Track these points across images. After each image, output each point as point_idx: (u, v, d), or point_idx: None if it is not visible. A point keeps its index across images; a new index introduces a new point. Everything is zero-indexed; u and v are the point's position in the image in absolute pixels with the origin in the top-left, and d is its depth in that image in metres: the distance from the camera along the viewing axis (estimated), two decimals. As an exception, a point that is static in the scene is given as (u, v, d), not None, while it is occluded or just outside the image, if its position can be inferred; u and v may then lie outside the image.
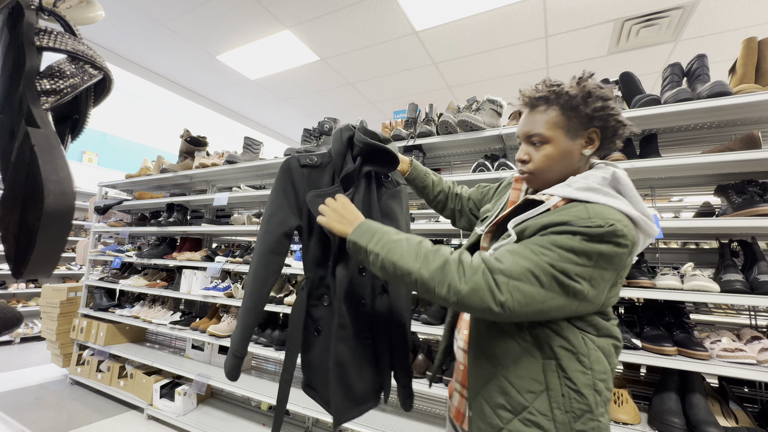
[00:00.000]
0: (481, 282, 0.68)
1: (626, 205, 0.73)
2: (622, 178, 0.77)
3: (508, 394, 0.75)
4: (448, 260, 0.72)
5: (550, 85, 0.80)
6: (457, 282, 0.69)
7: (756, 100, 1.34)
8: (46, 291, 3.48)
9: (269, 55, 3.72)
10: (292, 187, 1.01)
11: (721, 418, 1.34)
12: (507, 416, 0.75)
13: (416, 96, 4.44)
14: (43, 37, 0.55)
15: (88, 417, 2.60)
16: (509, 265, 0.68)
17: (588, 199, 0.73)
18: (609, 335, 0.77)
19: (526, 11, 2.92)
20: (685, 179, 1.74)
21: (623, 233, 0.69)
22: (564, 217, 0.70)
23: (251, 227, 2.43)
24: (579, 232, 0.68)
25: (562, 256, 0.68)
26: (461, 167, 2.31)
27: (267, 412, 2.53)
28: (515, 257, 0.69)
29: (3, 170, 0.55)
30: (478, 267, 0.70)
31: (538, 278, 0.68)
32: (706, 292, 1.32)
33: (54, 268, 0.49)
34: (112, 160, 5.71)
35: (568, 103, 0.77)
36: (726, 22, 2.92)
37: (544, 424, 0.72)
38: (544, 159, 0.80)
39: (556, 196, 0.76)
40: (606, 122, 0.78)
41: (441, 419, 1.97)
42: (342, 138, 1.01)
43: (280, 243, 0.99)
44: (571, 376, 0.72)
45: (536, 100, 0.81)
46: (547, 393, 0.73)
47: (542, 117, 0.80)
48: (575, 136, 0.79)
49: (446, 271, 0.71)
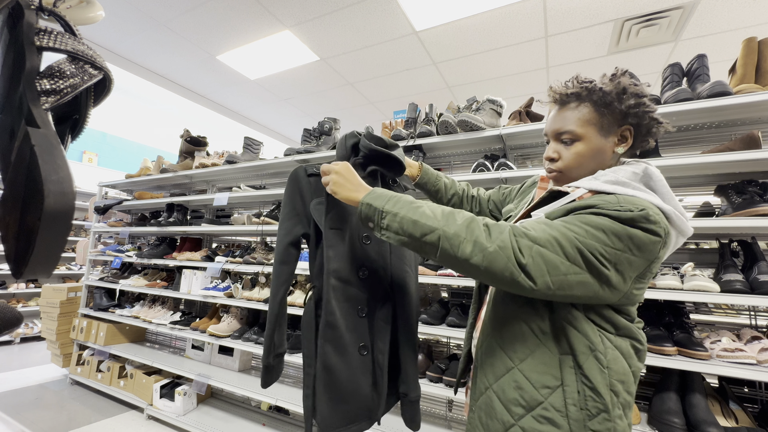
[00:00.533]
0: (507, 241, 0.65)
1: (657, 200, 0.70)
2: (654, 174, 0.74)
3: (523, 388, 0.73)
4: (474, 218, 0.69)
5: (582, 81, 0.77)
6: (484, 239, 0.65)
7: (756, 100, 1.34)
8: (46, 291, 3.48)
9: (269, 55, 3.72)
10: (300, 196, 1.02)
11: (721, 418, 1.34)
12: (519, 412, 0.72)
13: (416, 96, 4.44)
14: (43, 37, 0.55)
15: (88, 417, 2.60)
16: (536, 233, 0.66)
17: (615, 192, 0.70)
18: (629, 336, 0.75)
19: (526, 11, 2.92)
20: (685, 179, 1.74)
21: (656, 219, 0.66)
22: (593, 202, 0.68)
23: (251, 227, 2.43)
24: (608, 214, 0.65)
25: (590, 233, 0.65)
26: (461, 167, 2.31)
27: (267, 412, 2.53)
28: (542, 226, 0.67)
29: (3, 170, 0.55)
30: (504, 227, 0.67)
31: (563, 248, 0.65)
32: (706, 292, 1.32)
33: (54, 268, 0.49)
34: (112, 160, 5.71)
35: (602, 99, 0.74)
36: (726, 22, 2.92)
37: (558, 421, 0.70)
38: (575, 157, 0.77)
39: (582, 188, 0.73)
40: (641, 120, 0.75)
41: (441, 419, 1.97)
42: (346, 145, 1.02)
43: (287, 252, 1.01)
44: (588, 373, 0.70)
45: (567, 97, 0.78)
46: (562, 389, 0.71)
47: (573, 114, 0.77)
48: (608, 134, 0.77)
49: (472, 228, 0.67)
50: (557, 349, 0.73)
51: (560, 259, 0.65)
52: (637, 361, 0.75)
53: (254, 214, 2.53)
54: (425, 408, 2.06)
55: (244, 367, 2.65)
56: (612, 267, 0.66)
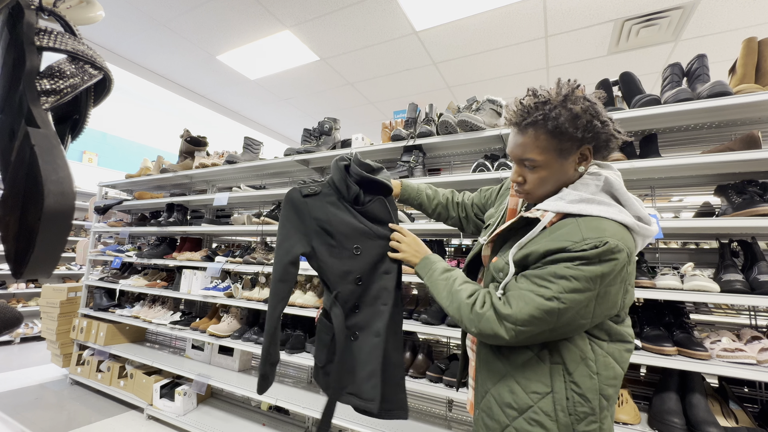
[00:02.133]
0: (487, 328, 0.78)
1: (619, 213, 0.75)
2: (614, 182, 0.78)
3: (515, 393, 0.79)
4: (461, 305, 0.84)
5: (536, 106, 0.77)
6: (468, 324, 0.81)
7: (756, 100, 1.34)
8: (46, 291, 3.48)
9: (269, 55, 3.72)
10: (297, 216, 1.08)
11: (721, 418, 1.34)
12: (513, 414, 0.79)
13: (416, 96, 4.44)
14: (43, 37, 0.55)
15: (88, 417, 2.60)
16: (515, 311, 0.75)
17: (581, 212, 0.75)
18: (621, 340, 0.79)
19: (526, 11, 2.92)
20: (685, 179, 1.74)
21: (619, 248, 0.71)
22: (560, 243, 0.73)
23: (251, 227, 2.43)
24: (577, 257, 0.71)
25: (565, 287, 0.71)
26: (461, 167, 2.31)
27: (267, 412, 2.53)
28: (519, 301, 0.75)
29: (3, 170, 0.55)
30: (484, 313, 0.79)
31: (542, 319, 0.73)
32: (706, 292, 1.32)
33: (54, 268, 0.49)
34: (112, 160, 5.71)
35: (557, 128, 0.76)
36: (726, 22, 2.92)
37: (547, 424, 0.75)
38: (539, 181, 0.82)
39: (550, 212, 0.78)
40: (597, 138, 0.78)
41: (441, 419, 1.97)
42: (339, 167, 1.09)
43: (286, 271, 1.06)
44: (577, 380, 0.76)
45: (524, 126, 0.79)
46: (552, 395, 0.76)
47: (533, 142, 0.79)
48: (568, 155, 0.79)
49: (462, 313, 0.83)
50: (549, 359, 0.78)
51: (540, 329, 0.74)
52: (627, 362, 0.82)
53: (254, 214, 2.53)
54: (425, 408, 2.06)
55: (244, 367, 2.65)
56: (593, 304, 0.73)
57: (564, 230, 0.75)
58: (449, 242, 2.34)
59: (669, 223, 1.43)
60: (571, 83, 0.79)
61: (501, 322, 0.76)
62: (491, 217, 1.04)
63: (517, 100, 0.82)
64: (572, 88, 0.78)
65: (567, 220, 0.76)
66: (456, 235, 2.16)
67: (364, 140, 2.30)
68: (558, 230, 0.76)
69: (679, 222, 1.45)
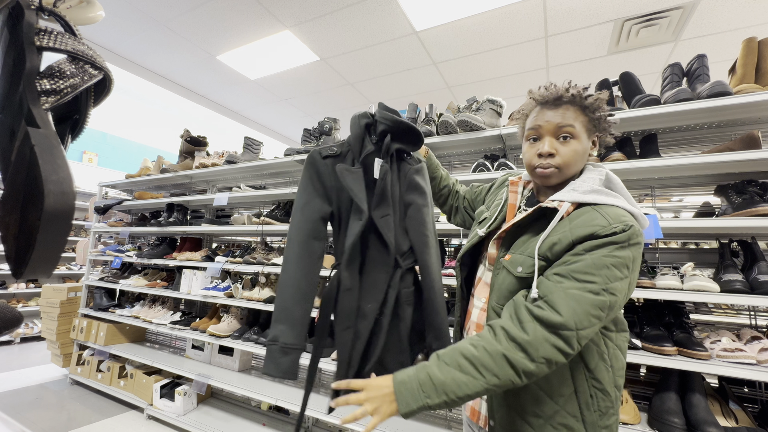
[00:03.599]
0: (550, 350, 0.67)
1: (625, 203, 0.78)
2: (613, 178, 0.83)
3: (540, 400, 0.77)
4: (504, 353, 0.68)
5: (567, 88, 0.83)
6: (529, 365, 0.67)
7: (756, 100, 1.34)
8: (46, 291, 3.48)
9: (269, 55, 3.72)
10: (318, 178, 1.06)
11: (721, 418, 1.34)
12: (538, 423, 0.76)
13: (416, 96, 4.44)
14: (43, 37, 0.55)
15: (88, 417, 2.60)
16: (569, 315, 0.67)
17: (595, 201, 0.77)
18: (623, 329, 0.82)
19: (526, 11, 2.92)
20: (685, 179, 1.74)
21: (639, 232, 0.72)
22: (588, 229, 0.72)
23: (251, 227, 2.43)
24: (610, 242, 0.70)
25: (609, 276, 0.69)
26: (461, 167, 2.31)
27: (267, 412, 2.53)
28: (569, 302, 0.68)
29: (3, 170, 0.55)
30: (536, 336, 0.67)
31: (598, 316, 0.69)
32: (706, 292, 1.32)
33: (54, 268, 0.49)
34: (112, 160, 5.71)
35: (589, 108, 0.82)
36: (726, 22, 2.92)
37: (574, 426, 0.74)
38: (572, 154, 0.81)
39: (566, 202, 0.78)
40: (603, 132, 0.85)
41: (441, 419, 1.97)
42: (360, 123, 1.06)
43: (318, 228, 1.03)
44: (597, 376, 0.76)
45: (562, 102, 0.82)
46: (575, 395, 0.75)
47: (572, 114, 0.82)
48: (589, 138, 0.84)
49: (513, 362, 0.67)
50: None
51: (596, 326, 0.69)
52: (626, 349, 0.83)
53: (254, 214, 2.53)
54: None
55: (244, 367, 2.65)
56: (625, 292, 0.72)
57: (585, 217, 0.75)
58: (449, 242, 2.33)
59: (669, 223, 1.43)
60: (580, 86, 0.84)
61: (557, 333, 0.67)
62: (483, 213, 1.03)
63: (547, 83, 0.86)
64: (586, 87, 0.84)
65: (584, 209, 0.77)
66: (456, 234, 2.16)
67: (364, 140, 2.30)
68: (579, 218, 0.75)
69: (679, 222, 1.45)
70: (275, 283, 2.46)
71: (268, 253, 2.48)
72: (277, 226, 2.37)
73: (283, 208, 2.51)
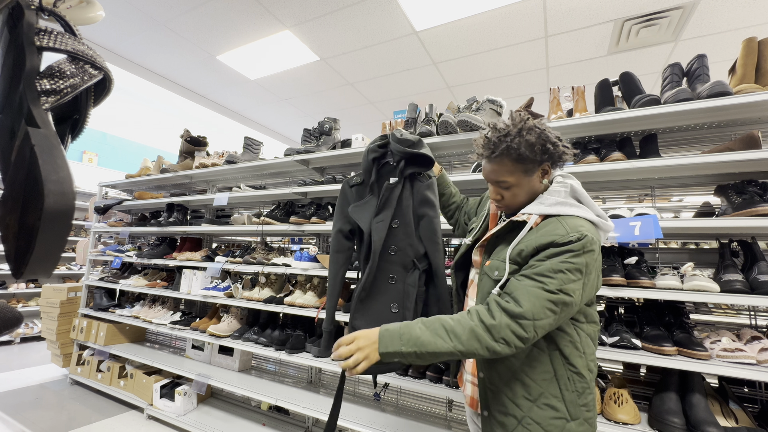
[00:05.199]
0: (509, 334, 0.82)
1: (587, 212, 0.93)
2: (578, 189, 0.97)
3: (527, 385, 0.91)
4: (473, 328, 0.84)
5: (499, 139, 0.95)
6: (491, 342, 0.83)
7: (756, 100, 1.34)
8: (46, 291, 3.48)
9: (269, 55, 3.72)
10: (346, 201, 1.38)
11: (721, 418, 1.34)
12: (527, 404, 0.90)
13: (416, 96, 4.44)
14: (43, 37, 0.55)
15: (88, 417, 2.60)
16: (528, 307, 0.82)
17: (559, 213, 0.92)
18: (593, 321, 0.96)
19: (526, 11, 2.92)
20: (685, 179, 1.74)
21: (593, 240, 0.87)
22: (549, 238, 0.87)
23: (251, 227, 2.43)
24: (565, 250, 0.85)
25: (563, 279, 0.84)
26: (461, 167, 2.31)
27: (267, 412, 2.53)
28: (529, 297, 0.83)
29: (3, 170, 0.55)
30: (500, 322, 0.83)
31: (553, 310, 0.83)
32: (706, 292, 1.32)
33: (54, 268, 0.49)
34: (112, 160, 5.71)
35: (519, 156, 0.94)
36: (726, 22, 2.92)
37: (556, 405, 0.89)
38: (513, 196, 0.99)
39: (534, 214, 0.93)
40: (552, 157, 0.96)
41: (441, 419, 1.97)
42: (368, 158, 1.31)
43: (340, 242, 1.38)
44: (572, 361, 0.90)
45: (493, 157, 0.97)
46: (555, 378, 0.90)
47: (502, 168, 0.96)
48: (532, 173, 0.97)
49: (479, 337, 0.83)
50: (547, 347, 0.92)
51: (551, 319, 0.84)
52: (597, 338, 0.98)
53: (254, 214, 2.53)
54: (425, 408, 2.06)
55: (244, 367, 2.65)
56: (579, 293, 0.86)
57: (549, 227, 0.89)
58: (449, 242, 2.33)
59: (669, 223, 1.43)
60: (522, 116, 0.97)
61: (517, 322, 0.82)
62: (473, 223, 1.21)
63: (483, 137, 1.00)
64: (523, 120, 0.95)
65: (549, 220, 0.92)
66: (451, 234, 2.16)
67: (364, 140, 2.30)
68: (543, 228, 0.90)
69: (679, 222, 1.45)
70: (275, 283, 2.46)
71: (268, 253, 2.48)
72: (277, 226, 2.37)
73: (283, 208, 2.51)
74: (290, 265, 2.22)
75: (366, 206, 1.29)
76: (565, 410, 0.89)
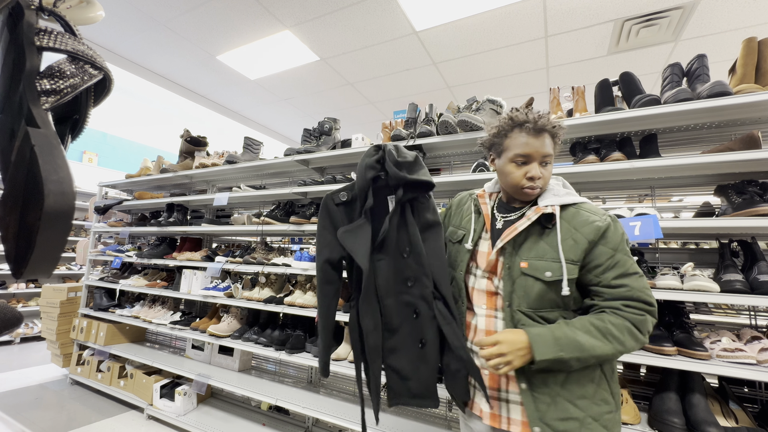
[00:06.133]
0: (650, 326, 0.88)
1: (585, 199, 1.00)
2: (566, 182, 1.05)
3: (584, 385, 0.91)
4: (630, 328, 0.86)
5: (550, 119, 0.99)
6: (644, 337, 0.88)
7: (756, 100, 1.34)
8: (46, 291, 3.48)
9: (269, 55, 3.72)
10: (331, 223, 1.16)
11: (721, 418, 1.34)
12: (585, 403, 0.89)
13: (416, 96, 4.44)
14: (43, 37, 0.55)
15: (88, 417, 2.60)
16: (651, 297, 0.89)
17: (571, 201, 0.97)
18: None
19: (526, 11, 2.92)
20: (685, 179, 1.74)
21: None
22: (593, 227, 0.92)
23: (251, 227, 2.43)
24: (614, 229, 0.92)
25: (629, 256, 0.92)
26: (461, 167, 2.30)
27: (267, 412, 2.53)
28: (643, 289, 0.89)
29: (3, 170, 0.55)
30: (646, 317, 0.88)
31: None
32: (706, 292, 1.32)
33: (54, 268, 0.49)
34: (112, 160, 5.71)
35: (558, 136, 1.00)
36: (726, 22, 2.92)
37: (607, 398, 0.91)
38: (550, 175, 1.01)
39: (556, 205, 0.96)
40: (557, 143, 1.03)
41: (441, 419, 1.98)
42: (366, 176, 1.12)
43: (328, 273, 1.15)
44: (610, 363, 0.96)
45: (546, 131, 0.98)
46: (602, 371, 0.92)
47: (550, 142, 0.98)
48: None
49: (636, 337, 0.87)
50: None
51: None
52: None
53: (254, 214, 2.53)
54: (425, 408, 2.06)
55: (244, 367, 2.65)
56: None
57: (579, 217, 0.95)
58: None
59: (669, 223, 1.43)
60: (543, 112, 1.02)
61: (651, 312, 0.88)
62: (456, 232, 1.14)
63: (536, 112, 0.99)
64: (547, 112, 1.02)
65: (569, 209, 0.97)
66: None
67: (364, 140, 2.30)
68: (573, 218, 0.95)
69: (679, 222, 1.45)
70: (275, 283, 2.46)
71: (268, 253, 2.48)
72: (277, 226, 2.37)
73: (283, 208, 2.51)
74: (290, 265, 2.22)
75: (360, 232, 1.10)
76: (613, 402, 0.91)
